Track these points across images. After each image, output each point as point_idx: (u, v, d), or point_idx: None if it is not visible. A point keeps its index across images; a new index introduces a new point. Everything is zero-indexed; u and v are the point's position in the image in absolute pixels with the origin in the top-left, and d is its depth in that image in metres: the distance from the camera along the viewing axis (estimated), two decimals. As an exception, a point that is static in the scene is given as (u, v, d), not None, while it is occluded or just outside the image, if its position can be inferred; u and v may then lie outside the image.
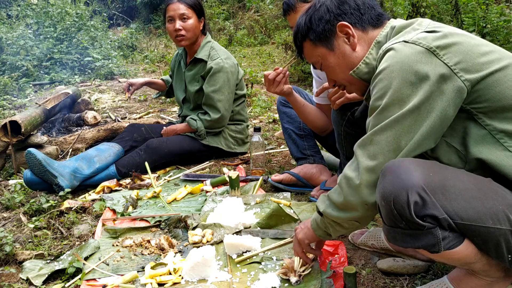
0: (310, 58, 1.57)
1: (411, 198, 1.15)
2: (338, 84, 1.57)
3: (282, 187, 2.50)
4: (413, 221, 1.16)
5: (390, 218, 1.21)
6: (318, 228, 1.52)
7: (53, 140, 3.45)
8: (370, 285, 1.64)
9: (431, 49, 1.23)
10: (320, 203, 1.47)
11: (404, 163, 1.21)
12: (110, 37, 9.18)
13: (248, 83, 5.09)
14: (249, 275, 1.73)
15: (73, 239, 2.13)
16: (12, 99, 5.27)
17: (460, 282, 1.39)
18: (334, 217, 1.40)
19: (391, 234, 1.25)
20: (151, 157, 2.88)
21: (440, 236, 1.17)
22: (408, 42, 1.26)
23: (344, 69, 1.48)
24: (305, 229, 1.60)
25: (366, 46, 1.46)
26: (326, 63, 1.51)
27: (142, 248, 1.97)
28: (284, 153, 3.20)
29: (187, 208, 2.37)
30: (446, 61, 1.22)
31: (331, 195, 1.41)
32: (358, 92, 1.55)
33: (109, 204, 2.43)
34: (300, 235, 1.61)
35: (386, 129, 1.26)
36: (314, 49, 1.52)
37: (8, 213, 2.47)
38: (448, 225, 1.17)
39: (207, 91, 2.97)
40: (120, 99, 5.35)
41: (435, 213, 1.16)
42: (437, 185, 1.17)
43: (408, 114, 1.23)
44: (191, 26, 2.98)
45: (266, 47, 9.02)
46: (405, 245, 1.23)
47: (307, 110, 2.44)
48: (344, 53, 1.47)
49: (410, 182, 1.16)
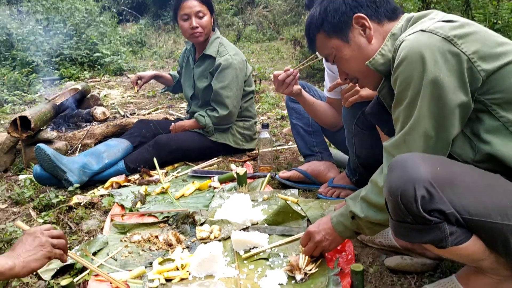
0: (323, 50, 1.55)
1: (418, 192, 1.14)
2: (351, 77, 1.56)
3: (290, 184, 2.49)
4: (420, 216, 1.15)
5: (397, 212, 1.20)
6: (346, 230, 1.54)
7: (62, 136, 3.47)
8: (378, 282, 1.64)
9: (448, 38, 1.22)
10: (355, 208, 1.47)
11: (411, 157, 1.20)
12: (119, 33, 9.21)
13: (257, 80, 5.08)
14: (256, 272, 1.73)
15: (82, 234, 2.15)
16: (23, 95, 5.31)
17: (469, 281, 1.38)
18: (377, 219, 1.41)
19: (398, 229, 1.25)
20: (160, 153, 2.89)
21: (448, 231, 1.16)
22: (426, 31, 1.25)
23: (359, 61, 1.47)
24: (327, 235, 1.60)
25: (381, 38, 1.45)
26: (340, 56, 1.50)
27: (150, 243, 1.98)
28: (292, 149, 3.19)
29: (195, 204, 2.38)
30: (464, 50, 1.21)
31: (370, 198, 1.42)
32: (371, 85, 1.54)
33: (117, 200, 2.45)
34: (324, 244, 1.62)
35: (417, 124, 1.26)
36: (328, 41, 1.50)
37: (18, 208, 2.50)
38: (456, 220, 1.16)
39: (216, 88, 2.97)
40: (129, 95, 5.37)
41: (443, 207, 1.15)
42: (445, 179, 1.17)
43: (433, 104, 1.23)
44: (207, 23, 2.97)
45: (274, 43, 9.00)
46: (412, 240, 1.23)
47: (317, 108, 2.43)
48: (359, 45, 1.46)
49: (417, 176, 1.15)
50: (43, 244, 1.34)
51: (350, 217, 1.50)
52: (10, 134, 2.96)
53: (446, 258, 1.51)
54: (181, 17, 2.97)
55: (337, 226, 1.56)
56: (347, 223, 1.52)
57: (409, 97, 1.26)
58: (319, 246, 1.63)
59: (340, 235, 1.58)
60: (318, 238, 1.62)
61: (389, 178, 1.21)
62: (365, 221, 1.46)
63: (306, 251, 1.67)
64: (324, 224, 1.62)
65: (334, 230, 1.58)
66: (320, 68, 5.20)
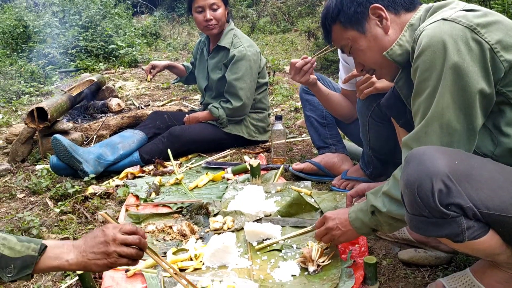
0: (339, 41, 1.53)
1: (435, 185, 1.12)
2: (367, 68, 1.54)
3: (303, 176, 2.49)
4: (437, 210, 1.13)
5: (413, 206, 1.19)
6: (364, 227, 1.51)
7: (78, 127, 3.51)
8: (391, 275, 1.63)
9: (471, 27, 1.19)
10: (377, 203, 1.42)
11: (428, 150, 1.18)
12: (134, 24, 9.25)
13: (270, 71, 5.06)
14: (269, 263, 1.74)
15: (97, 224, 2.18)
16: (39, 86, 5.37)
17: (483, 275, 1.37)
18: (399, 215, 1.36)
19: (413, 223, 1.23)
20: (174, 145, 2.91)
21: (465, 225, 1.15)
22: (447, 20, 1.22)
23: (376, 52, 1.45)
24: (345, 231, 1.58)
25: (398, 29, 1.43)
26: (356, 47, 1.48)
27: (164, 233, 2.00)
28: (306, 141, 3.18)
29: (208, 195, 2.39)
30: (487, 40, 1.18)
31: (391, 193, 1.37)
32: (387, 76, 1.52)
33: (132, 190, 2.47)
34: (335, 232, 1.60)
35: (440, 115, 1.22)
36: (344, 32, 1.48)
37: (35, 198, 2.54)
38: (473, 214, 1.15)
39: (229, 79, 2.97)
40: (144, 86, 5.40)
41: (460, 201, 1.13)
42: (463, 173, 1.15)
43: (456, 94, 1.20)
44: (221, 15, 2.97)
45: (289, 34, 8.94)
46: (428, 233, 1.21)
47: (331, 99, 2.42)
48: (376, 36, 1.44)
49: (434, 170, 1.13)
50: (109, 254, 1.23)
51: (370, 212, 1.45)
52: (27, 125, 3.01)
53: (461, 252, 1.49)
54: (195, 9, 2.97)
55: (355, 222, 1.52)
56: (366, 219, 1.48)
57: (430, 87, 1.23)
58: (330, 233, 1.62)
59: (357, 231, 1.54)
60: (331, 224, 1.61)
61: (405, 171, 1.20)
62: (385, 217, 1.41)
63: (317, 234, 1.67)
64: (341, 214, 1.60)
65: (350, 224, 1.55)
66: (334, 60, 5.16)
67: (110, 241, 1.24)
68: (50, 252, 1.22)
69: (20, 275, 1.16)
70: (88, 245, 1.24)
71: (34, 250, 1.18)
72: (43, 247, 1.20)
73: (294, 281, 1.61)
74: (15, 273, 1.16)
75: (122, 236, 1.25)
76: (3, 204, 2.50)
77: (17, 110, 4.58)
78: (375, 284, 1.56)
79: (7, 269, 1.15)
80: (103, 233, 1.25)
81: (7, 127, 4.02)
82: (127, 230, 1.27)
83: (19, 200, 2.53)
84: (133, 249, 1.26)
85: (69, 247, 1.24)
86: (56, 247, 1.23)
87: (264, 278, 1.64)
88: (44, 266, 1.21)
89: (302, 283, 1.59)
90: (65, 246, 1.24)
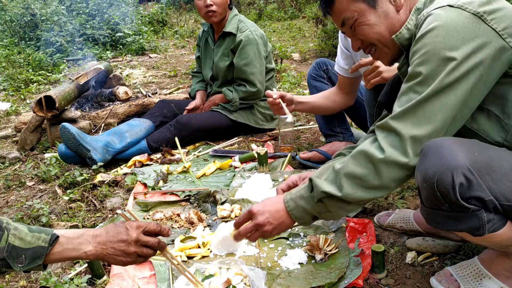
0: (342, 12, 1.40)
1: (456, 179, 1.09)
2: (366, 44, 1.44)
3: (310, 164, 2.48)
4: (458, 204, 1.11)
5: (432, 200, 1.16)
6: (305, 216, 1.35)
7: (86, 115, 3.53)
8: (399, 264, 1.63)
9: (478, 13, 1.15)
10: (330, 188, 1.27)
11: (446, 142, 1.14)
12: (140, 12, 9.22)
13: (278, 59, 5.03)
14: (277, 251, 1.74)
15: (106, 212, 2.19)
16: (47, 75, 5.39)
17: (492, 263, 1.36)
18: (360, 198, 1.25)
19: (431, 217, 1.20)
20: (181, 133, 2.91)
21: (485, 218, 1.13)
22: (454, 7, 1.18)
23: (383, 29, 1.37)
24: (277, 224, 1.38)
25: (408, 11, 1.37)
26: (362, 20, 1.37)
27: (172, 221, 2.01)
28: (313, 129, 3.17)
29: (216, 183, 2.40)
30: (494, 26, 1.15)
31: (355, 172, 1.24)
32: (388, 57, 1.44)
33: (140, 178, 2.48)
34: (266, 228, 1.38)
35: (431, 98, 1.16)
36: (352, 3, 1.37)
37: (44, 186, 2.57)
38: (494, 207, 1.13)
39: (239, 65, 2.96)
40: (151, 74, 5.40)
41: (481, 195, 1.11)
42: (483, 165, 1.12)
43: (455, 80, 1.15)
44: (222, 1, 2.95)
45: (296, 21, 8.87)
46: (446, 228, 1.19)
47: (316, 106, 2.41)
48: (387, 12, 1.36)
49: (455, 163, 1.10)
50: (129, 253, 1.24)
51: (318, 199, 1.29)
52: (35, 113, 3.02)
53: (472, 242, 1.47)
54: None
55: (295, 210, 1.35)
56: (308, 207, 1.32)
57: (429, 71, 1.17)
58: (260, 230, 1.39)
59: (296, 221, 1.37)
60: (260, 220, 1.38)
61: (423, 164, 1.15)
62: (337, 200, 1.27)
63: (242, 232, 1.41)
64: (271, 206, 1.39)
65: (288, 215, 1.36)
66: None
67: (132, 242, 1.24)
68: (69, 243, 1.22)
69: (31, 266, 1.17)
70: (110, 239, 1.24)
71: (44, 241, 1.19)
72: (54, 238, 1.20)
73: (301, 269, 1.61)
74: (26, 263, 1.17)
75: (145, 238, 1.26)
76: (13, 192, 2.53)
77: (26, 99, 4.60)
78: (382, 272, 1.56)
79: (18, 259, 1.16)
80: (127, 232, 1.25)
81: (16, 115, 4.05)
82: (151, 230, 1.28)
83: (29, 188, 2.55)
84: (152, 250, 1.28)
85: (88, 237, 1.24)
86: (74, 237, 1.23)
87: (271, 266, 1.64)
88: (60, 257, 1.22)
89: (309, 271, 1.59)
90: (84, 237, 1.24)
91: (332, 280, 1.50)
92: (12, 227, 1.18)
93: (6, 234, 1.16)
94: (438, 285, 1.44)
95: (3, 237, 1.15)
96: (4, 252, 1.15)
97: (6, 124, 3.87)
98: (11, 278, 1.72)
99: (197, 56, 3.46)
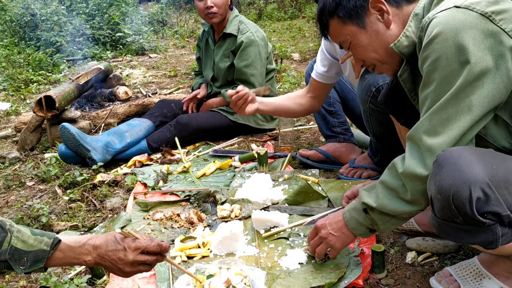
0: (337, 37, 1.46)
1: (474, 194, 1.07)
2: (368, 64, 1.47)
3: (311, 163, 2.48)
4: (474, 218, 1.08)
5: (445, 212, 1.14)
6: (360, 227, 1.41)
7: (86, 115, 3.53)
8: (399, 264, 1.63)
9: (486, 14, 1.13)
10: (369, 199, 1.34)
11: (463, 153, 1.12)
12: (140, 12, 9.21)
13: (278, 59, 5.03)
14: (277, 251, 1.74)
15: (106, 212, 2.19)
16: (47, 75, 5.39)
17: (492, 264, 1.36)
18: (391, 210, 1.29)
19: (443, 228, 1.18)
20: (181, 133, 2.91)
21: (500, 233, 1.11)
22: (461, 7, 1.15)
23: (377, 48, 1.38)
24: (339, 235, 1.47)
25: (401, 23, 1.36)
26: (356, 42, 1.40)
27: (172, 221, 2.02)
28: (313, 129, 3.17)
29: (216, 183, 2.40)
30: (503, 27, 1.12)
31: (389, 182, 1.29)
32: (389, 71, 1.45)
33: (140, 178, 2.48)
34: (329, 240, 1.49)
35: (447, 106, 1.16)
36: (343, 27, 1.41)
37: (44, 185, 2.57)
38: (509, 221, 1.11)
39: (239, 66, 2.96)
40: (151, 74, 5.40)
41: (499, 210, 1.09)
42: (501, 179, 1.10)
43: (469, 84, 1.13)
44: (222, 2, 2.94)
45: (296, 21, 8.87)
46: (459, 240, 1.18)
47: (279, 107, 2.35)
48: (377, 31, 1.36)
49: (473, 177, 1.07)
50: (125, 272, 1.26)
51: (363, 209, 1.37)
52: (35, 113, 3.02)
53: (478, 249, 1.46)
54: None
55: (350, 221, 1.43)
56: (360, 218, 1.39)
57: (442, 77, 1.16)
58: (324, 243, 1.51)
59: (353, 232, 1.44)
60: (323, 233, 1.50)
61: (439, 176, 1.12)
62: (378, 213, 1.33)
63: (311, 246, 1.56)
64: (333, 219, 1.49)
65: (346, 226, 1.44)
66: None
67: (128, 263, 1.25)
68: (70, 251, 1.23)
69: (33, 268, 1.19)
70: (108, 253, 1.24)
71: (46, 244, 1.20)
72: (56, 242, 1.22)
73: (301, 269, 1.61)
74: (28, 266, 1.18)
75: (142, 258, 1.26)
76: (13, 192, 2.53)
77: (26, 99, 4.60)
78: (382, 272, 1.56)
79: (20, 261, 1.17)
80: (124, 253, 1.24)
81: (16, 115, 4.05)
82: (150, 252, 1.28)
83: (29, 188, 2.55)
84: (148, 266, 1.30)
85: (89, 247, 1.24)
86: (76, 246, 1.24)
87: (271, 266, 1.64)
88: (61, 262, 1.24)
89: (309, 271, 1.59)
90: (86, 246, 1.24)
91: (332, 280, 1.50)
92: (15, 230, 1.19)
93: (9, 236, 1.17)
94: (438, 285, 1.44)
95: (6, 239, 1.16)
96: (7, 254, 1.16)
97: (6, 124, 3.87)
98: (11, 278, 1.73)
99: (197, 57, 3.46)
